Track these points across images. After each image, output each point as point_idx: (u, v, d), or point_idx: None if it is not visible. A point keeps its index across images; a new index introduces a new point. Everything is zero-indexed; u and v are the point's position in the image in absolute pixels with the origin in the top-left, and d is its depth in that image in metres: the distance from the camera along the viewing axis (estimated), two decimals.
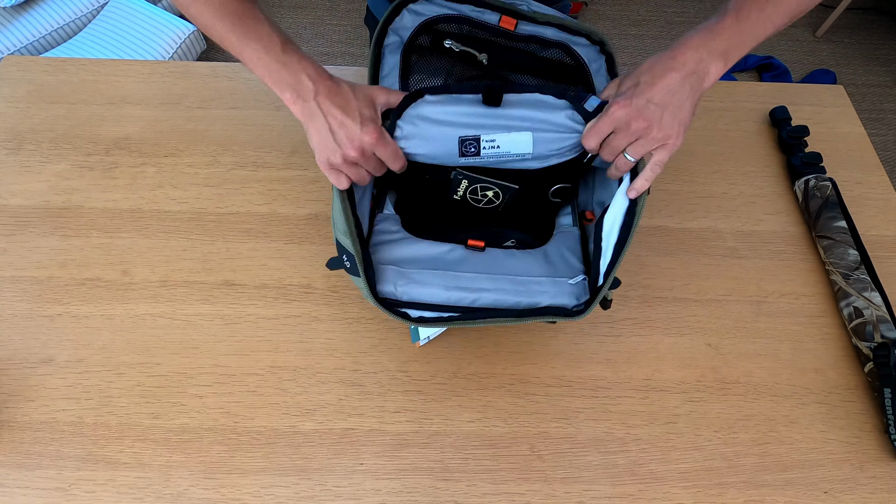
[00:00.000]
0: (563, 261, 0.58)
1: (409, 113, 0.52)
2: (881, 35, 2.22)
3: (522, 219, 0.64)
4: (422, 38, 0.60)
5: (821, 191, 0.75)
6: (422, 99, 0.52)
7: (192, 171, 0.78)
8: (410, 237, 0.59)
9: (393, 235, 0.59)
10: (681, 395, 0.64)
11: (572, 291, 0.55)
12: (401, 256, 0.56)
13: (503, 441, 0.61)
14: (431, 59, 0.60)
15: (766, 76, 2.07)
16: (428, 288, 0.53)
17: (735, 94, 0.91)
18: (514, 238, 0.62)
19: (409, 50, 0.59)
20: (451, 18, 0.59)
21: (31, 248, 0.71)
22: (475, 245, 0.57)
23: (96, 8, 1.78)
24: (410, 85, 0.60)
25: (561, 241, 0.61)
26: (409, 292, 0.53)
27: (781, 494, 0.59)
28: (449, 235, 0.59)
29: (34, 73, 0.87)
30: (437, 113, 0.52)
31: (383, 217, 0.62)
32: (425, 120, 0.52)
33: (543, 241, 0.61)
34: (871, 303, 0.66)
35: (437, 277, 0.54)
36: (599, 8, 2.26)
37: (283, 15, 2.18)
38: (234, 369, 0.64)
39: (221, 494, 0.57)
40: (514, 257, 0.57)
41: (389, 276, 0.54)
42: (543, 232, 0.63)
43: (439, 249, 0.57)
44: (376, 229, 0.60)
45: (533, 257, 0.58)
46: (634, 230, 0.51)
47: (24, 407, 0.61)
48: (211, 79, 0.88)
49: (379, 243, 0.58)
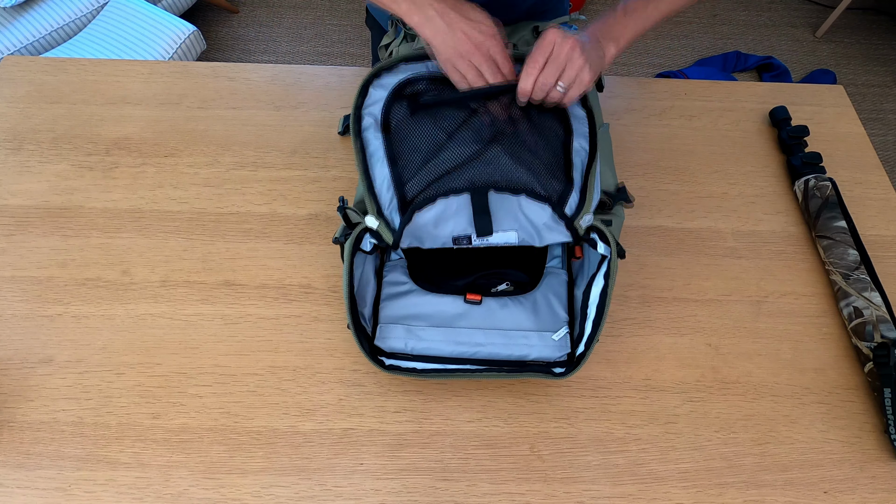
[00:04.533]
0: (550, 310, 0.65)
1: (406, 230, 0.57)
2: (881, 35, 2.22)
3: (517, 258, 0.68)
4: (395, 107, 0.60)
5: (821, 191, 0.75)
6: (415, 214, 0.55)
7: (192, 171, 0.79)
8: (416, 290, 0.66)
9: (401, 287, 0.66)
10: (681, 395, 0.64)
11: (556, 345, 0.62)
12: (408, 313, 0.64)
13: (503, 441, 0.61)
14: (413, 125, 0.60)
15: (766, 76, 2.07)
16: (432, 343, 0.62)
17: (735, 94, 0.91)
18: (510, 279, 0.67)
19: (387, 124, 0.60)
20: (417, 79, 0.60)
21: (31, 248, 0.71)
22: (473, 299, 0.65)
23: (96, 8, 1.78)
24: (399, 162, 0.59)
25: (549, 286, 0.67)
26: (416, 348, 0.62)
27: (781, 494, 0.59)
28: (451, 285, 0.66)
29: (34, 73, 0.87)
30: (431, 220, 0.56)
31: (392, 266, 0.68)
32: (421, 229, 0.57)
33: (536, 277, 0.67)
34: (871, 303, 0.66)
35: (440, 333, 0.63)
36: (599, 8, 2.26)
37: (283, 15, 2.18)
38: (234, 369, 0.64)
39: (221, 494, 0.57)
40: (506, 308, 0.65)
41: (400, 335, 0.62)
42: (536, 268, 0.68)
43: (442, 305, 0.65)
44: (385, 281, 0.67)
45: (523, 308, 0.65)
46: (609, 301, 0.57)
47: (24, 407, 0.61)
48: (211, 79, 0.88)
49: (388, 297, 0.65)
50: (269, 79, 0.89)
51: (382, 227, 0.56)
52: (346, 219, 0.59)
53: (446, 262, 0.68)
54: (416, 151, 0.57)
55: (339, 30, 2.15)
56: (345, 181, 0.79)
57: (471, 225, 0.56)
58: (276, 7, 2.20)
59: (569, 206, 0.56)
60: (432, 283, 0.67)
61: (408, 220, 0.55)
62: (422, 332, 0.63)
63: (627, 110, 0.88)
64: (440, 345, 0.62)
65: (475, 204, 0.55)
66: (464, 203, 0.55)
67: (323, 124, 0.84)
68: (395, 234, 0.56)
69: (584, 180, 0.57)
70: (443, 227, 0.57)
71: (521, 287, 0.67)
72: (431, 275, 0.67)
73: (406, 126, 0.59)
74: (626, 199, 0.61)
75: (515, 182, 0.55)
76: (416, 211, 0.55)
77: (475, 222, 0.56)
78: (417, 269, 0.68)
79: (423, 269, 0.68)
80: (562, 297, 0.66)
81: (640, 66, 2.12)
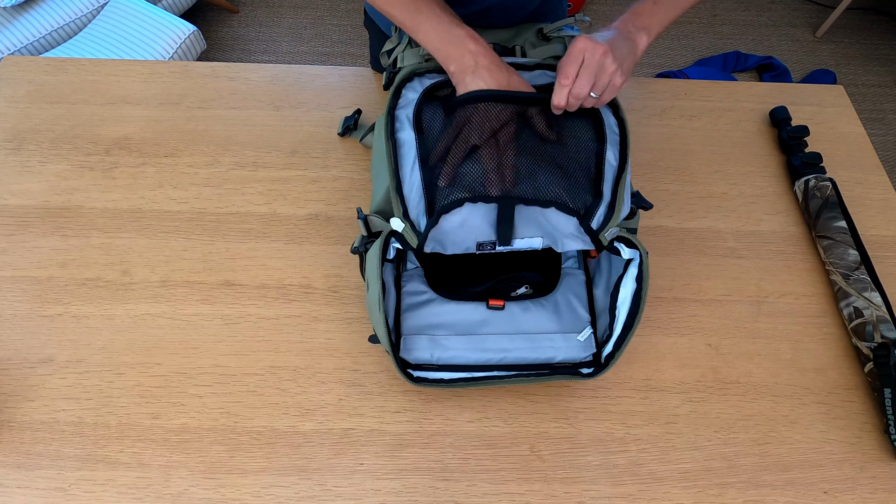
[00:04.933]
0: (572, 311, 0.65)
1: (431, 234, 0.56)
2: (881, 35, 2.22)
3: (532, 260, 0.69)
4: (427, 109, 0.59)
5: (821, 191, 0.75)
6: (442, 217, 0.54)
7: (192, 171, 0.79)
8: (437, 298, 0.66)
9: (421, 297, 0.66)
10: (681, 395, 0.64)
11: (581, 346, 0.63)
12: (430, 322, 0.64)
13: (503, 441, 0.61)
14: (445, 128, 0.58)
15: (766, 76, 2.07)
16: (457, 352, 0.62)
17: (735, 94, 0.91)
18: (527, 282, 0.67)
19: (420, 125, 0.59)
20: (448, 82, 0.60)
21: (31, 248, 0.71)
22: (496, 304, 0.64)
23: (96, 8, 1.78)
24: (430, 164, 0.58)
25: (567, 287, 0.67)
26: (442, 357, 0.62)
27: (781, 494, 0.59)
28: (470, 291, 0.66)
29: (34, 73, 0.87)
30: (456, 224, 0.55)
31: (409, 276, 0.68)
32: (445, 234, 0.56)
33: (554, 279, 0.68)
34: (871, 303, 0.66)
35: (464, 342, 0.62)
36: (600, 8, 2.26)
37: (283, 15, 2.18)
38: (234, 369, 0.64)
39: (221, 494, 0.57)
40: (528, 312, 0.64)
41: (424, 345, 0.62)
42: (553, 270, 0.68)
43: (464, 312, 0.65)
44: (404, 291, 0.66)
45: (545, 310, 0.65)
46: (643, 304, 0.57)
47: (24, 407, 0.61)
48: (211, 79, 0.88)
49: (409, 308, 0.65)
50: (269, 79, 0.89)
51: (408, 230, 0.55)
52: (367, 227, 0.58)
53: (462, 268, 0.67)
54: (448, 155, 0.56)
55: (339, 30, 2.15)
56: (345, 181, 0.79)
57: (494, 231, 0.55)
58: (276, 7, 2.20)
59: (596, 218, 0.55)
60: (451, 291, 0.66)
61: (434, 222, 0.54)
62: (446, 342, 0.62)
63: (627, 110, 0.88)
64: (466, 353, 0.62)
65: (501, 211, 0.54)
66: (490, 209, 0.54)
67: (323, 124, 0.84)
68: (420, 236, 0.55)
69: (613, 193, 0.56)
70: (467, 233, 0.56)
71: (539, 289, 0.67)
72: (449, 282, 0.67)
73: (439, 129, 0.58)
74: (643, 205, 0.61)
75: (545, 193, 0.54)
76: (443, 214, 0.54)
77: (498, 230, 0.55)
78: (435, 278, 0.67)
79: (441, 277, 0.68)
80: (582, 297, 0.66)
81: (640, 66, 2.12)
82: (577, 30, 0.71)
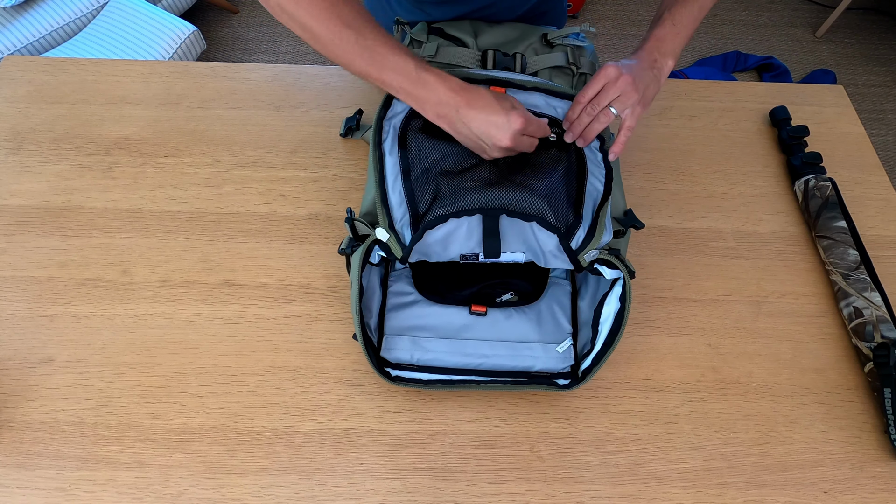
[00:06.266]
0: (554, 321, 0.65)
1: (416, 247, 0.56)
2: (881, 35, 2.22)
3: (521, 268, 0.68)
4: (416, 121, 0.60)
5: (821, 191, 0.75)
6: (426, 233, 0.55)
7: (192, 171, 0.79)
8: (421, 300, 0.66)
9: (406, 298, 0.66)
10: (681, 395, 0.64)
11: (559, 357, 0.63)
12: (413, 324, 0.64)
13: (503, 441, 0.61)
14: (432, 141, 0.59)
15: (766, 76, 2.07)
16: (438, 355, 0.62)
17: (735, 94, 0.91)
18: (514, 289, 0.67)
19: (406, 137, 0.59)
20: None
21: (31, 248, 0.71)
22: (478, 310, 0.65)
23: (96, 8, 1.78)
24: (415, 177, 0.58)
25: (553, 296, 0.67)
26: (422, 359, 0.62)
27: (781, 494, 0.59)
28: (456, 295, 0.67)
29: (34, 73, 0.87)
30: (440, 237, 0.56)
31: (397, 276, 0.68)
32: (430, 246, 0.56)
33: (540, 286, 0.68)
34: (871, 303, 0.66)
35: (445, 345, 0.63)
36: (599, 8, 2.26)
37: None
38: (234, 369, 0.64)
39: (221, 494, 0.57)
40: (511, 319, 0.65)
41: (405, 346, 0.63)
42: (540, 278, 0.69)
43: (447, 316, 0.65)
44: (390, 291, 0.67)
45: (527, 318, 0.65)
46: (625, 324, 0.58)
47: (24, 407, 0.61)
48: (211, 79, 0.88)
49: (393, 308, 0.66)
50: (269, 79, 0.89)
51: (392, 241, 0.55)
52: (353, 230, 0.58)
53: (451, 272, 0.68)
54: (433, 168, 0.57)
55: None
56: (345, 181, 0.79)
57: (479, 246, 0.56)
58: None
59: (575, 239, 0.56)
60: (437, 294, 0.67)
61: (419, 237, 0.54)
62: (428, 344, 0.63)
63: None
64: (446, 356, 0.62)
65: (486, 226, 0.55)
66: (475, 224, 0.55)
67: (323, 124, 0.84)
68: (405, 249, 0.55)
69: (595, 218, 0.57)
70: (452, 246, 0.56)
71: (524, 297, 0.67)
72: (436, 285, 0.67)
73: (425, 141, 0.59)
74: (635, 224, 0.61)
75: (528, 208, 0.55)
76: (428, 229, 0.54)
77: (484, 244, 0.56)
78: (422, 280, 0.68)
79: (428, 279, 0.68)
80: (566, 308, 0.67)
81: None
82: (582, 37, 0.71)
